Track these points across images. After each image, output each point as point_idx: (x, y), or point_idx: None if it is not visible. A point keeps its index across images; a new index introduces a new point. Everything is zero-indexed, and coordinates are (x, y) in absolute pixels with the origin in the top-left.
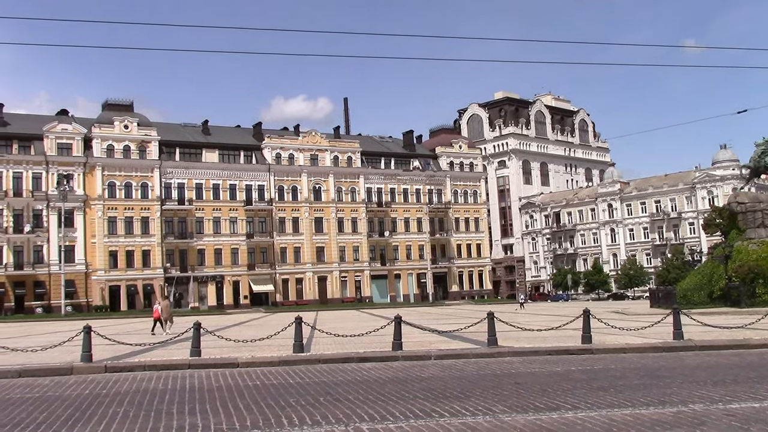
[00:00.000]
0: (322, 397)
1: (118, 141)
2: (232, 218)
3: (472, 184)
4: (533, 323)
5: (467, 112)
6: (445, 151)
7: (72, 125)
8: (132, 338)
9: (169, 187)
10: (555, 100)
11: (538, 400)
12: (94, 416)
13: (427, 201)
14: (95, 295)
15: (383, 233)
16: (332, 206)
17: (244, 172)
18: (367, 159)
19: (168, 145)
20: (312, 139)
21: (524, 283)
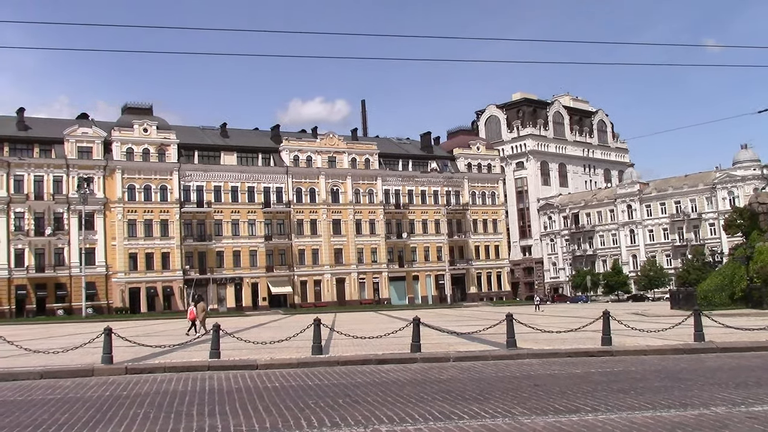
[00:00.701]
0: (341, 399)
1: (138, 144)
2: (251, 220)
3: (490, 186)
4: (552, 325)
5: (485, 114)
6: (463, 152)
7: (92, 129)
8: (152, 340)
9: (188, 190)
10: (573, 101)
11: (557, 402)
12: (115, 417)
13: (445, 202)
14: (115, 297)
15: (401, 235)
16: (350, 208)
17: (262, 175)
18: (385, 161)
19: (187, 148)
20: (330, 142)
21: (543, 284)
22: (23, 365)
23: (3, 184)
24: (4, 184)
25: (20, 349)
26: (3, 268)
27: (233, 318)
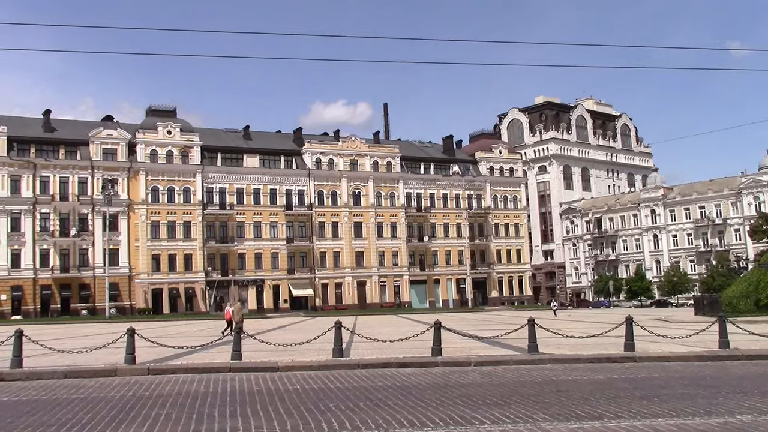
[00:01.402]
0: (361, 402)
1: (162, 146)
2: (273, 223)
3: (512, 190)
4: (574, 330)
5: (507, 117)
6: (485, 156)
7: (117, 131)
8: (174, 341)
9: (210, 192)
10: (596, 105)
11: (579, 409)
12: (138, 417)
13: (467, 206)
14: (138, 298)
15: (422, 238)
16: (371, 211)
17: (284, 177)
18: (407, 164)
19: (210, 151)
20: (351, 145)
21: (564, 289)
22: (48, 365)
23: (29, 185)
24: (30, 185)
25: (45, 349)
26: (28, 268)
27: (255, 320)
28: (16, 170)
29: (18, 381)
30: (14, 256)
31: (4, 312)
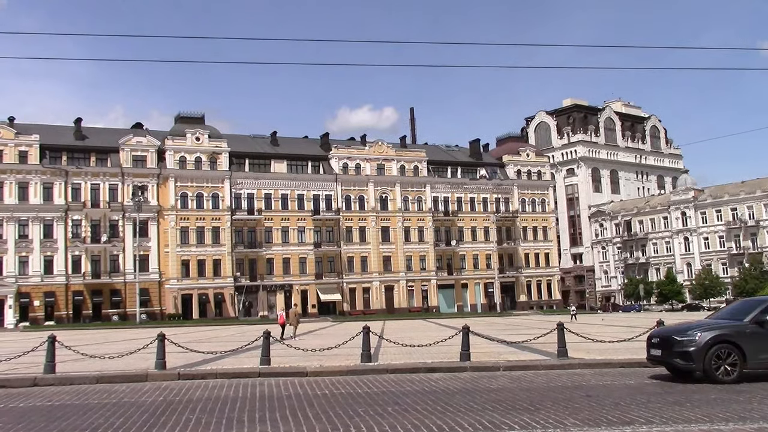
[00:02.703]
0: (390, 407)
1: (190, 153)
2: (300, 228)
3: (540, 193)
4: (604, 334)
5: (534, 120)
6: (512, 159)
7: (146, 138)
8: (203, 346)
9: (238, 198)
10: (625, 107)
11: (610, 414)
12: (168, 422)
13: (494, 210)
14: (168, 304)
15: (450, 242)
16: (399, 215)
17: (311, 182)
18: (434, 168)
19: (238, 157)
20: (378, 149)
21: (594, 293)
22: (80, 370)
23: (61, 192)
24: (62, 193)
25: (77, 354)
26: (61, 274)
27: None
28: (48, 178)
29: (51, 386)
30: (47, 263)
31: (38, 318)
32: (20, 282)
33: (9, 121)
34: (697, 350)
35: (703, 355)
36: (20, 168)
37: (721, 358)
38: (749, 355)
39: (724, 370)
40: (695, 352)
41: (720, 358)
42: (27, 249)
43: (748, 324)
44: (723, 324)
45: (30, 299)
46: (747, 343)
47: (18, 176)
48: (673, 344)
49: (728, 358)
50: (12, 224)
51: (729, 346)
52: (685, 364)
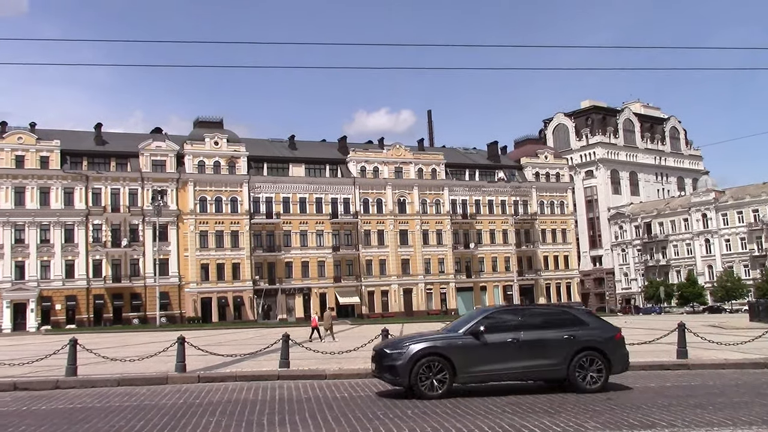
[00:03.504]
0: (409, 410)
1: (209, 157)
2: (319, 231)
3: (559, 195)
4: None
5: (553, 122)
6: (531, 161)
7: (165, 143)
8: (223, 349)
9: (257, 202)
10: (644, 108)
11: (631, 417)
12: (188, 425)
13: (513, 212)
14: (188, 307)
15: (468, 245)
16: (417, 218)
17: (329, 186)
18: (452, 171)
19: (256, 161)
20: (396, 152)
21: (614, 295)
22: (101, 373)
23: (82, 197)
24: (83, 197)
25: (99, 357)
26: (82, 278)
27: (302, 328)
28: (69, 183)
29: (73, 389)
30: (68, 267)
31: (59, 321)
32: (42, 286)
33: (30, 127)
34: (404, 364)
35: (410, 369)
36: (42, 173)
37: (430, 372)
38: (459, 368)
39: (430, 385)
40: (401, 366)
41: (429, 371)
42: (48, 253)
43: (462, 336)
44: (437, 336)
45: (52, 303)
46: (458, 356)
47: (39, 181)
48: (383, 358)
49: (438, 372)
50: (34, 229)
51: (439, 359)
52: (392, 378)
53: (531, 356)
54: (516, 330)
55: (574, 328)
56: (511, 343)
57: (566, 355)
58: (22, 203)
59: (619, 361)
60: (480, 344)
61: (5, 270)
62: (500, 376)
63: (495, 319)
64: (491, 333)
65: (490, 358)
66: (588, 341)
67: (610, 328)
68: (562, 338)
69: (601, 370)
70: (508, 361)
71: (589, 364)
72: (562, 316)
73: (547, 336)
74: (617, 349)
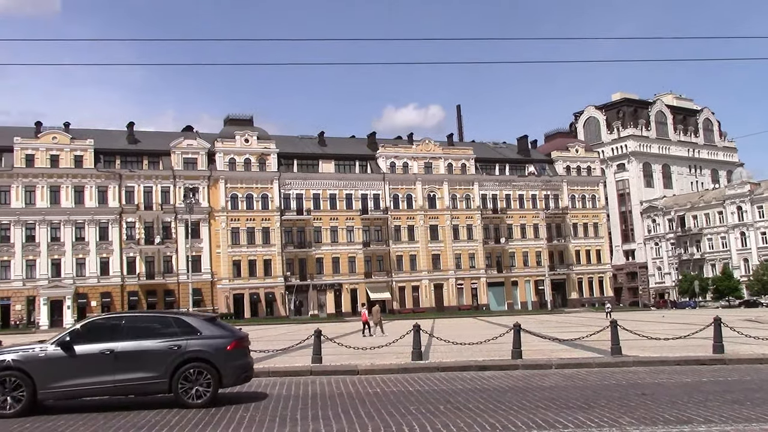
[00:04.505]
0: (441, 405)
1: (240, 154)
2: (349, 227)
3: (590, 189)
4: (659, 332)
5: (583, 115)
6: (561, 155)
7: (196, 141)
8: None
9: (287, 198)
10: (676, 100)
11: (667, 413)
12: (222, 420)
13: (544, 207)
14: (220, 303)
15: (499, 240)
16: (447, 213)
17: (359, 182)
18: (482, 165)
19: (286, 157)
20: (426, 147)
21: (647, 289)
22: None
23: (115, 195)
24: (116, 196)
25: None
26: (116, 275)
27: (333, 324)
28: (102, 181)
29: None
30: (103, 264)
31: None
32: (78, 283)
33: (65, 127)
34: None
35: None
36: (76, 172)
37: (4, 388)
38: (40, 384)
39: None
40: None
41: (3, 387)
42: (84, 251)
43: (49, 347)
44: (22, 348)
45: (87, 300)
46: (39, 370)
47: (74, 180)
48: None
49: (15, 389)
50: (69, 227)
51: (17, 374)
52: None
53: (127, 369)
54: (112, 340)
55: (183, 337)
56: (105, 354)
57: (168, 368)
58: (58, 202)
59: (232, 373)
60: (67, 356)
61: (42, 268)
62: (91, 391)
63: (89, 328)
64: (83, 343)
65: (80, 371)
66: (196, 352)
67: (225, 337)
68: (166, 349)
69: (210, 384)
70: (101, 374)
71: (196, 376)
72: (169, 325)
73: (146, 346)
74: (230, 360)
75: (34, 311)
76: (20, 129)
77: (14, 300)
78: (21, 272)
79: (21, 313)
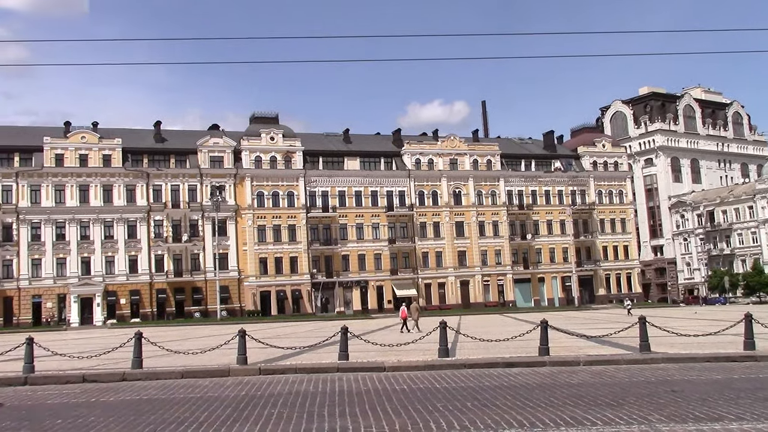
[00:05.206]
0: (469, 402)
1: (265, 152)
2: (375, 224)
3: (617, 184)
4: (688, 328)
5: (610, 110)
6: (588, 150)
7: (222, 139)
8: (282, 342)
9: (313, 195)
10: (705, 93)
11: (697, 410)
12: (251, 417)
13: (570, 202)
14: (247, 300)
15: (525, 236)
16: (473, 210)
17: (384, 179)
18: (507, 161)
19: (311, 155)
20: (451, 144)
21: (676, 285)
22: (166, 365)
23: (143, 193)
24: (144, 194)
25: (162, 350)
26: (145, 273)
27: (359, 320)
28: (131, 180)
29: (139, 381)
30: (132, 262)
31: (124, 315)
32: (107, 281)
33: (93, 127)
34: None
35: None
36: (104, 171)
37: None
38: None
39: None
40: None
41: None
42: (113, 249)
43: None
44: None
45: (117, 297)
46: None
47: (102, 179)
48: None
49: None
50: (98, 225)
51: None
52: None
53: None
54: None
55: None
56: None
57: None
58: (87, 201)
59: None
60: None
61: (72, 266)
62: None
63: None
64: None
65: None
66: None
67: None
68: None
69: None
70: None
71: None
72: None
73: None
74: None
75: (65, 309)
76: (49, 129)
77: (45, 298)
78: (52, 270)
79: (52, 311)
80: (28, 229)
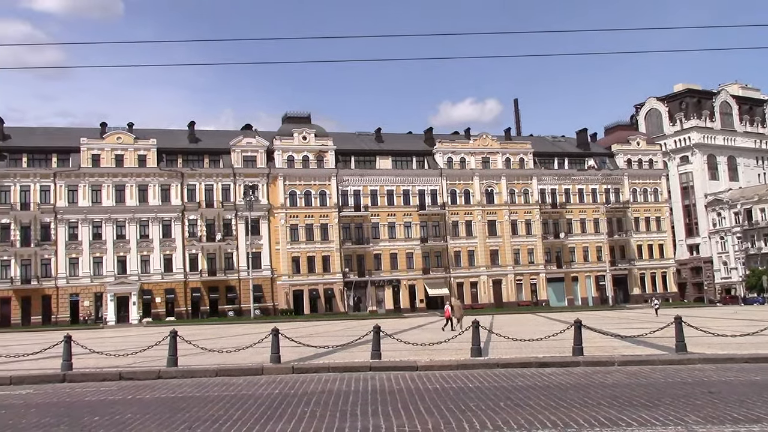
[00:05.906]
0: (501, 401)
1: (298, 152)
2: (407, 223)
3: (652, 182)
4: (726, 328)
5: (644, 107)
6: (622, 148)
7: (255, 139)
8: (315, 341)
9: (345, 195)
10: (742, 89)
11: (735, 411)
12: (284, 415)
13: (604, 201)
14: (280, 299)
15: (558, 235)
16: (505, 209)
17: (416, 178)
18: (540, 160)
19: (343, 154)
20: (483, 142)
21: (713, 285)
22: (200, 363)
23: (177, 193)
24: (178, 194)
25: (197, 348)
26: (179, 271)
27: (392, 320)
28: (165, 180)
29: (174, 378)
30: (166, 261)
31: (159, 314)
32: (143, 280)
33: (128, 127)
34: None
35: None
36: (140, 171)
37: None
38: None
39: None
40: None
41: None
42: (148, 248)
43: None
44: None
45: (152, 296)
46: None
47: (138, 179)
48: None
49: None
50: (134, 225)
51: None
52: None
53: None
54: None
55: None
56: None
57: None
58: (123, 200)
59: None
60: None
61: (108, 265)
62: None
63: None
64: None
65: None
66: None
67: None
68: None
69: None
70: None
71: None
72: None
73: None
74: None
75: (101, 307)
76: (86, 130)
77: (83, 296)
78: (89, 269)
79: (89, 309)
80: (65, 228)
